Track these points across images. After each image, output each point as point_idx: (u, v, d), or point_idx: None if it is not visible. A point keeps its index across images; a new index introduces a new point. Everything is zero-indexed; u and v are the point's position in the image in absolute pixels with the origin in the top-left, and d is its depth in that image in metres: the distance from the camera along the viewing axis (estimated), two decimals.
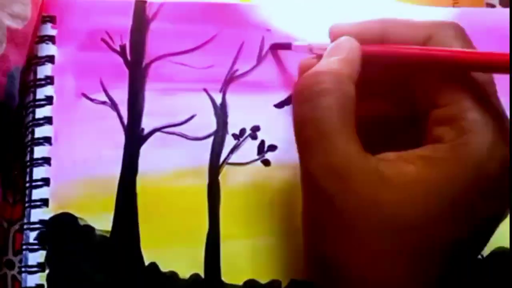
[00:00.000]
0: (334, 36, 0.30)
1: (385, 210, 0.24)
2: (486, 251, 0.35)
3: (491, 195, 0.25)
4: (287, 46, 0.35)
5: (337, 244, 0.25)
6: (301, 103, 0.26)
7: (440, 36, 0.27)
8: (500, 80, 0.37)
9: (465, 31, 0.28)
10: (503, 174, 0.25)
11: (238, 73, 0.36)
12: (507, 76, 0.36)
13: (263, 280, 0.34)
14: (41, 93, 0.35)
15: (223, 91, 0.36)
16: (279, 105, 0.36)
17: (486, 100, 0.26)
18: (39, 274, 0.33)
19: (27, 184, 0.34)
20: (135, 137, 0.35)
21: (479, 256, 0.35)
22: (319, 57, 0.30)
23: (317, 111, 0.25)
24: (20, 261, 0.34)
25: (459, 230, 0.24)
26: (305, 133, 0.26)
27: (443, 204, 0.24)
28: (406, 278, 0.24)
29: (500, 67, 0.25)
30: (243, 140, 0.35)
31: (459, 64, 0.26)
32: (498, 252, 0.35)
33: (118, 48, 0.36)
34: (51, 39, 0.36)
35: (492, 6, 0.39)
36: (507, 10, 0.38)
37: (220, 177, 0.35)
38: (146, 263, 0.34)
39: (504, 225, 0.26)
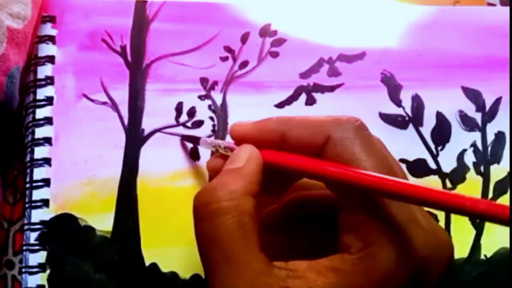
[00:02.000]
0: (234, 136, 0.30)
1: None
2: (489, 251, 0.35)
3: None
4: (195, 140, 0.34)
5: None
6: (201, 221, 0.26)
7: (338, 137, 0.26)
8: (500, 80, 0.37)
9: (365, 127, 0.27)
10: (416, 275, 0.24)
11: (238, 73, 0.36)
12: (507, 76, 0.37)
13: None
14: (41, 93, 0.35)
15: (223, 91, 0.36)
16: (280, 105, 0.36)
17: (393, 207, 0.25)
18: (40, 274, 0.33)
19: (28, 185, 0.34)
20: (135, 137, 0.35)
21: (482, 257, 0.35)
22: (224, 157, 0.30)
23: (217, 231, 0.25)
24: (20, 261, 0.34)
25: None
26: (208, 254, 0.26)
27: None
28: None
29: (388, 193, 0.24)
30: None
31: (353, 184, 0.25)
32: (502, 253, 0.35)
33: (118, 49, 0.36)
34: (51, 39, 0.36)
35: (493, 5, 0.39)
36: (508, 8, 0.38)
37: None
38: (147, 263, 0.34)
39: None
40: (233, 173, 0.27)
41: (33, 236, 0.34)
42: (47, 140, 0.35)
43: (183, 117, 0.36)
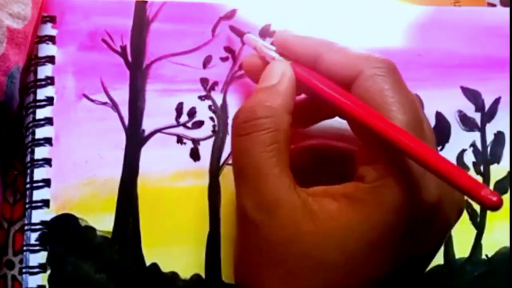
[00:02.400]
0: (277, 42, 0.31)
1: (305, 241, 0.25)
2: (490, 251, 0.35)
3: (411, 238, 0.25)
4: (240, 34, 0.35)
5: (261, 274, 0.26)
6: (238, 136, 0.27)
7: (371, 72, 0.26)
8: (500, 80, 0.37)
9: (397, 69, 0.27)
10: (424, 218, 0.25)
11: (238, 73, 0.36)
12: (507, 76, 0.37)
13: None
14: (42, 93, 0.35)
15: (224, 91, 0.36)
16: None
17: None
18: (41, 274, 0.33)
19: (28, 185, 0.34)
20: (136, 137, 0.35)
21: (483, 256, 0.35)
22: (262, 58, 0.32)
23: (252, 144, 0.27)
24: (20, 261, 0.34)
25: (374, 270, 0.25)
26: (240, 165, 0.27)
27: (359, 244, 0.25)
28: None
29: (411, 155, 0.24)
30: None
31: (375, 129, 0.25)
32: (503, 252, 0.35)
33: (118, 49, 0.36)
34: (52, 39, 0.35)
35: (493, 5, 0.39)
36: (508, 9, 0.38)
37: (220, 178, 0.35)
38: (147, 263, 0.34)
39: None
40: (269, 91, 0.28)
41: (33, 236, 0.34)
42: (48, 141, 0.35)
43: (183, 118, 0.36)
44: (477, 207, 0.36)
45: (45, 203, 0.34)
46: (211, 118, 0.36)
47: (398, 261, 0.25)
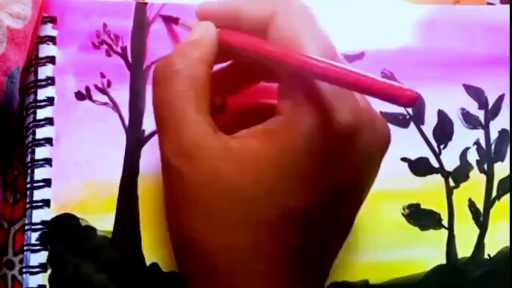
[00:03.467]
0: (199, 14, 0.31)
1: (226, 181, 0.25)
2: (493, 250, 0.35)
3: (329, 164, 0.25)
4: (175, 21, 0.36)
5: (189, 220, 0.26)
6: (156, 85, 0.28)
7: (283, 13, 0.27)
8: (502, 77, 0.37)
9: (309, 8, 0.28)
10: (340, 142, 0.25)
11: None
12: (507, 76, 0.37)
13: None
14: (42, 94, 0.35)
15: None
16: None
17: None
18: (41, 274, 0.33)
19: (28, 185, 0.34)
20: (136, 138, 0.35)
21: (486, 256, 0.35)
22: None
23: (170, 92, 0.27)
24: (20, 261, 0.34)
25: (296, 200, 0.25)
26: (159, 113, 0.27)
27: (276, 174, 0.25)
28: (258, 247, 0.25)
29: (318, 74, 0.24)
30: None
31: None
32: (505, 252, 0.35)
33: (119, 50, 0.36)
34: (52, 39, 0.36)
35: (493, 4, 0.39)
36: (507, 7, 0.38)
37: None
38: (148, 263, 0.34)
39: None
40: (189, 43, 0.29)
41: (34, 236, 0.34)
42: (48, 141, 0.35)
43: None
44: (480, 207, 0.35)
45: (46, 203, 0.34)
46: None
47: (320, 191, 0.25)
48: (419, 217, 0.35)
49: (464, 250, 0.35)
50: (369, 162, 0.27)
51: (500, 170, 0.36)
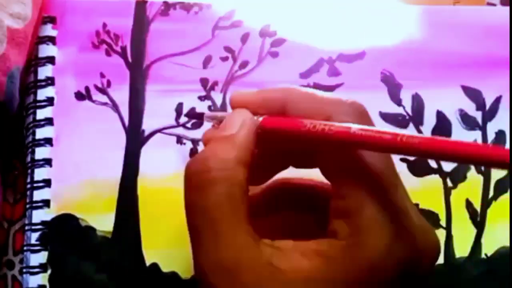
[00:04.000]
0: (234, 104, 0.28)
1: None
2: (490, 250, 0.35)
3: None
4: (200, 117, 0.32)
5: None
6: (190, 190, 0.25)
7: (338, 119, 0.24)
8: (500, 79, 0.37)
9: (368, 116, 0.26)
10: (399, 276, 0.24)
11: (238, 73, 0.36)
12: (507, 75, 0.37)
13: None
14: (42, 94, 0.35)
15: (224, 91, 0.36)
16: None
17: (385, 197, 0.24)
18: (41, 274, 0.33)
19: (28, 185, 0.34)
20: (136, 138, 0.35)
21: (483, 256, 0.35)
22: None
23: (206, 201, 0.24)
24: (20, 261, 0.34)
25: None
26: (194, 222, 0.25)
27: None
28: None
29: (391, 147, 0.22)
30: None
31: (354, 142, 0.23)
32: (502, 251, 0.35)
33: (119, 49, 0.36)
34: (52, 40, 0.36)
35: (493, 4, 0.39)
36: (507, 8, 0.38)
37: None
38: (147, 263, 0.34)
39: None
40: (225, 141, 0.26)
41: (34, 237, 0.34)
42: (48, 141, 0.35)
43: (183, 118, 0.36)
44: (477, 207, 0.36)
45: (46, 203, 0.34)
46: None
47: None
48: None
49: (462, 250, 0.35)
50: (425, 279, 0.25)
51: (497, 171, 0.36)
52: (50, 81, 0.35)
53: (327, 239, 0.24)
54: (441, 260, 0.35)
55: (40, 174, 0.34)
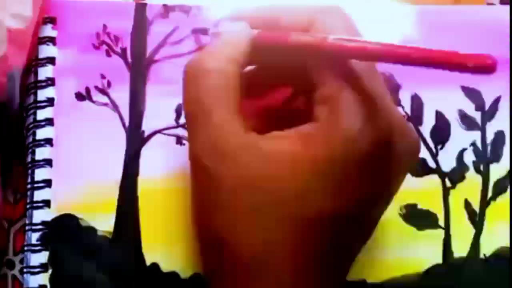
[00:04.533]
0: (233, 19, 0.31)
1: (258, 181, 0.25)
2: (488, 250, 0.35)
3: (364, 175, 0.25)
4: (204, 32, 0.35)
5: (222, 221, 0.26)
6: (186, 83, 0.28)
7: (323, 19, 0.27)
8: (500, 79, 0.37)
9: (349, 16, 0.28)
10: (376, 155, 0.25)
11: None
12: (507, 75, 0.37)
13: None
14: (42, 94, 0.35)
15: None
16: None
17: (364, 84, 0.26)
18: (42, 274, 0.34)
19: (29, 186, 0.35)
20: (136, 138, 0.35)
21: (482, 256, 0.35)
22: None
23: (199, 91, 0.27)
24: (21, 261, 0.34)
25: (325, 201, 0.25)
26: (189, 111, 0.27)
27: (308, 177, 0.25)
28: (285, 247, 0.25)
29: (369, 55, 0.24)
30: None
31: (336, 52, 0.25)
32: (501, 252, 0.35)
33: (119, 50, 0.36)
34: (52, 40, 0.36)
35: (492, 4, 0.39)
36: (507, 7, 0.38)
37: None
38: (148, 263, 0.34)
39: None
40: (221, 42, 0.29)
41: (34, 237, 0.34)
42: (48, 141, 0.35)
43: (183, 119, 0.36)
44: (476, 207, 0.36)
45: (46, 203, 0.34)
46: None
47: (351, 199, 0.25)
48: (416, 217, 0.35)
49: (460, 250, 0.35)
50: (400, 171, 0.28)
51: (496, 171, 0.36)
52: (50, 82, 0.35)
53: (308, 123, 0.26)
54: (439, 260, 0.35)
55: (40, 174, 0.34)
